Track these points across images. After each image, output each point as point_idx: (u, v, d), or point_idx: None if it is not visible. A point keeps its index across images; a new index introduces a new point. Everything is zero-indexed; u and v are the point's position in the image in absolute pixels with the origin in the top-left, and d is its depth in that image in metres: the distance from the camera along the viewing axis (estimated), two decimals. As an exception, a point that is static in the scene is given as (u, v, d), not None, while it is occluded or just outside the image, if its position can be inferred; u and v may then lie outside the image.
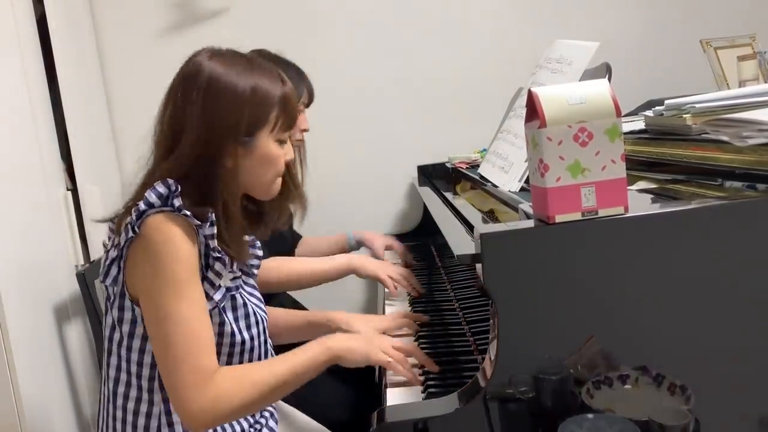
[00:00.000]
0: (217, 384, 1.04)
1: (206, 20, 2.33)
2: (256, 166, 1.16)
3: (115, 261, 1.11)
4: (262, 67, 1.17)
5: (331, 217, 2.31)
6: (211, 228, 1.10)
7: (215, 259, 1.12)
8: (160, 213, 1.07)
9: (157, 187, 1.08)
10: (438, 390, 1.17)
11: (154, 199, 1.07)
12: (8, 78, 1.75)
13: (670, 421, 0.83)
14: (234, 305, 1.18)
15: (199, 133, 1.10)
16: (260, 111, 1.13)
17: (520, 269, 0.98)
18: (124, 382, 1.16)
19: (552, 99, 0.95)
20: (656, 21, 2.34)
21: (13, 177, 1.70)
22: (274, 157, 1.17)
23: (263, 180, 1.18)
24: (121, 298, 1.13)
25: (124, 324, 1.14)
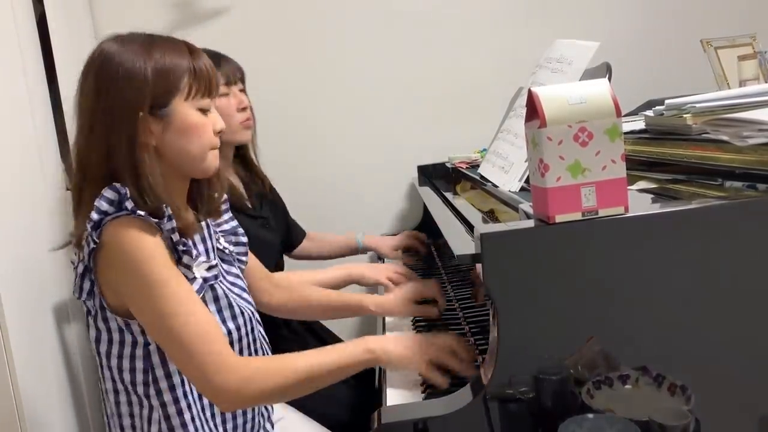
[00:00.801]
0: (249, 364, 1.05)
1: (206, 20, 2.33)
2: (179, 139, 1.10)
3: (85, 275, 1.09)
4: (165, 40, 1.12)
5: (330, 216, 2.31)
6: (170, 222, 1.07)
7: (182, 252, 1.09)
8: (115, 219, 1.04)
9: (105, 194, 1.04)
10: (438, 390, 1.17)
11: (106, 207, 1.04)
12: (8, 78, 1.75)
13: (670, 421, 0.83)
14: (214, 296, 1.14)
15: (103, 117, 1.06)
16: (168, 79, 1.08)
17: (520, 269, 0.98)
18: (121, 392, 1.15)
19: (552, 99, 0.95)
20: (656, 21, 2.34)
21: (13, 177, 1.70)
22: (197, 125, 1.11)
23: (192, 152, 1.11)
24: (102, 311, 1.11)
25: (111, 333, 1.12)
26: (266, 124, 1.95)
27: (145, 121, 1.07)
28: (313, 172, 2.37)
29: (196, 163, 1.13)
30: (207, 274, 1.14)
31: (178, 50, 1.10)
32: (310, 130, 2.37)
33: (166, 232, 1.07)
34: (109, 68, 1.06)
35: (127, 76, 1.05)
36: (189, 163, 1.13)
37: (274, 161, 2.04)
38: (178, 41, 1.13)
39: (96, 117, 1.07)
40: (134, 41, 1.09)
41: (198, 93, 1.11)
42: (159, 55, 1.07)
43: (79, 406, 1.86)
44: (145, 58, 1.07)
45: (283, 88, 2.32)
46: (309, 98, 2.36)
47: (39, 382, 1.67)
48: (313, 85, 2.35)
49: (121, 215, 1.04)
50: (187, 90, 1.10)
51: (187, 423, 1.13)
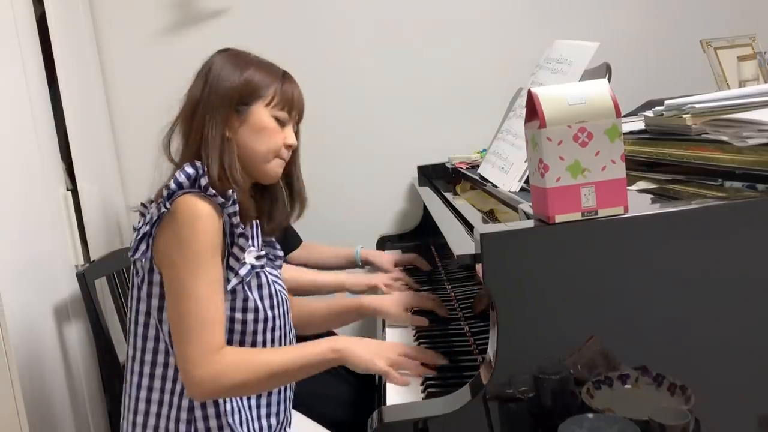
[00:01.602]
0: (222, 359, 1.13)
1: (206, 20, 2.33)
2: (251, 136, 1.25)
3: (144, 237, 1.18)
4: (265, 62, 1.31)
5: (330, 217, 2.31)
6: (233, 206, 1.18)
7: (239, 235, 1.20)
8: (189, 193, 1.16)
9: (186, 168, 1.18)
10: (438, 390, 1.17)
11: (183, 180, 1.16)
12: (8, 78, 1.75)
13: (670, 421, 0.83)
14: (259, 283, 1.24)
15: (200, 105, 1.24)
16: (255, 84, 1.26)
17: (520, 269, 0.98)
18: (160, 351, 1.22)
19: (552, 99, 0.95)
20: (656, 21, 2.34)
21: (13, 177, 1.70)
22: (269, 128, 1.27)
23: (259, 150, 1.26)
24: (149, 273, 1.20)
25: (152, 299, 1.21)
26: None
27: (230, 116, 1.24)
28: (313, 172, 2.35)
29: (260, 163, 1.27)
30: (255, 261, 1.24)
31: (274, 71, 1.30)
32: (309, 131, 2.35)
33: (227, 215, 1.18)
34: (213, 72, 1.26)
35: (226, 78, 1.25)
36: (254, 161, 1.27)
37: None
38: (276, 66, 1.32)
39: (196, 110, 1.25)
40: (240, 56, 1.30)
41: (278, 105, 1.28)
42: (255, 68, 1.28)
43: (79, 406, 1.86)
44: (242, 68, 1.27)
45: (283, 88, 2.31)
46: (309, 99, 2.33)
47: (39, 382, 1.67)
48: (313, 86, 2.33)
49: (194, 191, 1.16)
50: (270, 99, 1.27)
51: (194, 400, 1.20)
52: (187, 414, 1.21)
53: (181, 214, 1.14)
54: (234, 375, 1.13)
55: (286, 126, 1.30)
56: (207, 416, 1.22)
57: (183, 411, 1.21)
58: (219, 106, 1.24)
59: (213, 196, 1.16)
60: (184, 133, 1.26)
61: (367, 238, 2.30)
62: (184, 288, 1.13)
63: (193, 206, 1.14)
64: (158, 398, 1.23)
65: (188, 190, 1.16)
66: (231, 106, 1.24)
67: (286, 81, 1.31)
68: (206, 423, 1.21)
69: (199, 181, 1.17)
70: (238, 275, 1.20)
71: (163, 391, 1.22)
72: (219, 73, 1.26)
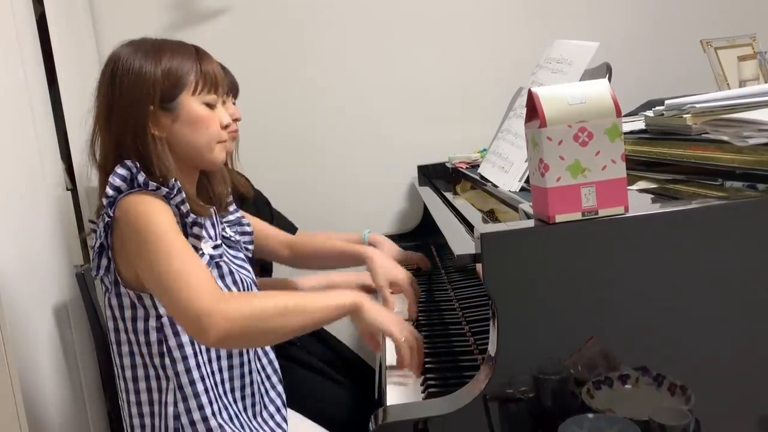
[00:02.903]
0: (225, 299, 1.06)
1: (206, 20, 2.33)
2: (187, 130, 1.19)
3: (102, 252, 1.16)
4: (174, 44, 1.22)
5: (330, 216, 2.31)
6: (179, 194, 1.14)
7: (192, 224, 1.16)
8: (129, 195, 1.12)
9: (117, 171, 1.13)
10: (438, 390, 1.17)
11: (119, 183, 1.12)
12: (8, 78, 1.75)
13: (670, 421, 0.83)
14: (221, 273, 1.21)
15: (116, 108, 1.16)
16: (175, 74, 1.18)
17: (520, 269, 0.98)
18: (138, 366, 1.21)
19: (552, 99, 0.95)
20: (656, 21, 2.34)
21: (13, 177, 1.70)
22: (203, 117, 1.20)
23: (200, 142, 1.20)
24: (116, 286, 1.17)
25: (124, 310, 1.18)
26: (266, 124, 1.95)
27: (156, 114, 1.16)
28: (313, 171, 2.37)
29: (204, 153, 1.21)
30: (213, 251, 1.22)
31: (187, 52, 1.21)
32: (310, 130, 2.37)
33: (175, 206, 1.14)
34: (122, 68, 1.16)
35: (139, 74, 1.16)
36: (197, 153, 1.21)
37: (275, 161, 2.05)
38: (187, 45, 1.23)
39: (111, 112, 1.17)
40: (145, 44, 1.20)
41: (204, 89, 1.20)
42: (168, 56, 1.18)
43: (79, 406, 1.86)
44: (154, 58, 1.17)
45: (283, 88, 2.32)
46: (309, 98, 2.36)
47: (39, 382, 1.67)
48: (313, 86, 2.35)
49: (133, 191, 1.12)
50: (194, 86, 1.19)
51: (200, 393, 1.19)
52: (174, 422, 1.20)
53: (131, 213, 1.10)
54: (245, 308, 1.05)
55: (216, 107, 1.23)
56: (194, 421, 1.19)
57: (170, 419, 1.20)
58: (139, 105, 1.15)
59: (156, 190, 1.12)
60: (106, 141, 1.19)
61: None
62: (161, 260, 1.06)
63: (140, 202, 1.10)
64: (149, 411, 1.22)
65: (128, 191, 1.12)
66: (154, 103, 1.16)
67: (202, 60, 1.22)
68: (193, 428, 1.20)
69: (136, 179, 1.12)
70: None
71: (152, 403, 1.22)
72: (129, 68, 1.16)
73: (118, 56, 1.18)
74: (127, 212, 1.10)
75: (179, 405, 1.19)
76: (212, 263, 1.20)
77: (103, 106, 1.18)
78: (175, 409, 1.19)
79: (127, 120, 1.16)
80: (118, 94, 1.16)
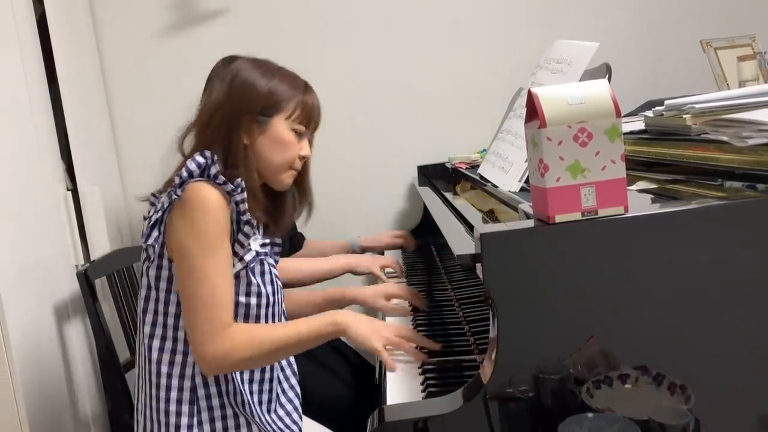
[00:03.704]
0: (231, 337, 1.18)
1: (206, 20, 2.33)
2: (268, 147, 1.29)
3: (156, 224, 1.23)
4: (288, 72, 1.35)
5: (331, 216, 2.31)
6: (241, 194, 1.23)
7: (245, 222, 1.24)
8: (199, 181, 1.20)
9: (196, 158, 1.21)
10: (438, 390, 1.17)
11: (194, 168, 1.20)
12: (8, 78, 1.75)
13: (670, 421, 0.83)
14: (262, 270, 1.29)
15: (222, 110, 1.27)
16: (278, 96, 1.29)
17: (520, 269, 0.98)
18: (159, 336, 1.26)
19: (552, 99, 0.95)
20: (656, 21, 2.34)
21: (13, 177, 1.70)
22: (287, 141, 1.31)
23: (274, 162, 1.30)
24: (159, 258, 1.24)
25: (161, 281, 1.24)
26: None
27: (249, 123, 1.28)
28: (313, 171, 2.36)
29: (274, 173, 1.32)
30: (260, 249, 1.29)
31: (297, 83, 1.34)
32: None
33: (235, 203, 1.22)
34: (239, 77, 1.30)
35: (250, 86, 1.29)
36: (269, 170, 1.31)
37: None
38: (299, 78, 1.35)
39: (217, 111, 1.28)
40: (265, 65, 1.34)
41: (298, 119, 1.32)
42: (279, 78, 1.31)
43: (79, 406, 1.86)
44: (267, 77, 1.30)
45: (283, 88, 2.32)
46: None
47: (39, 382, 1.67)
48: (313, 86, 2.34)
49: (203, 179, 1.20)
50: (291, 111, 1.31)
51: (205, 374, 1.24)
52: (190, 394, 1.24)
53: (192, 200, 1.18)
54: (242, 351, 1.18)
55: (302, 138, 1.34)
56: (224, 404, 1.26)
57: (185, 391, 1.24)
58: (240, 113, 1.27)
59: (222, 184, 1.20)
60: (201, 135, 1.29)
61: (367, 238, 2.30)
62: (196, 269, 1.17)
63: (204, 193, 1.18)
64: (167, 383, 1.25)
65: (198, 178, 1.20)
66: (252, 114, 1.28)
67: (307, 93, 1.34)
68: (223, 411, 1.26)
69: (209, 169, 1.21)
70: (243, 260, 1.24)
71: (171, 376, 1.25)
72: (244, 80, 1.29)
73: (238, 69, 1.31)
74: (190, 199, 1.18)
75: (197, 378, 1.25)
76: (257, 259, 1.27)
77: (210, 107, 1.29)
78: (192, 382, 1.24)
79: (226, 122, 1.26)
80: (228, 100, 1.28)
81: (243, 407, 1.26)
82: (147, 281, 1.26)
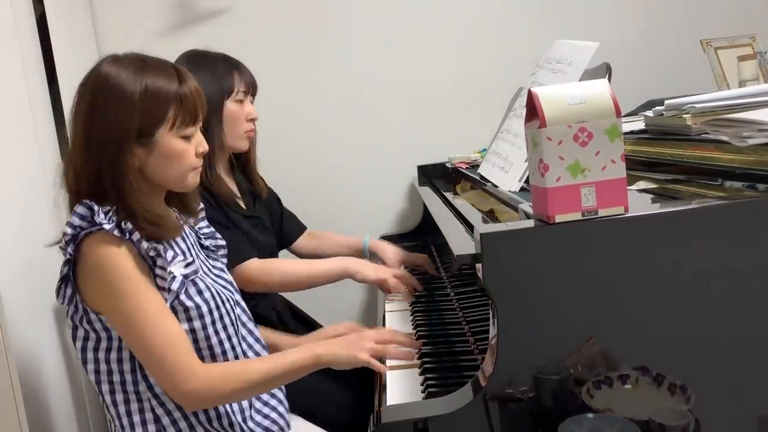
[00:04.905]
0: (204, 376, 1.13)
1: (206, 20, 2.33)
2: (161, 164, 1.18)
3: (65, 282, 1.18)
4: (157, 66, 1.18)
5: (331, 216, 2.31)
6: (134, 234, 1.14)
7: (154, 257, 1.16)
8: (89, 235, 1.13)
9: (77, 210, 1.14)
10: (438, 390, 1.17)
11: (78, 222, 1.13)
12: (8, 78, 1.75)
13: (670, 421, 0.83)
14: (198, 289, 1.21)
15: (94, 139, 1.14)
16: (154, 111, 1.14)
17: (520, 269, 0.98)
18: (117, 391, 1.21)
19: (552, 99, 0.95)
20: (656, 21, 2.34)
21: (13, 177, 1.70)
22: (178, 152, 1.18)
23: (173, 175, 1.20)
24: (86, 314, 1.18)
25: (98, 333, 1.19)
26: (267, 124, 1.94)
27: (131, 148, 1.15)
28: (313, 171, 2.37)
29: (176, 183, 1.22)
30: (186, 270, 1.21)
31: (168, 76, 1.17)
32: (310, 130, 2.37)
33: (134, 244, 1.14)
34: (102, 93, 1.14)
35: (119, 104, 1.13)
36: (170, 183, 1.22)
37: (275, 161, 2.04)
38: (168, 66, 1.19)
39: (90, 139, 1.15)
40: (128, 66, 1.16)
41: (183, 123, 1.17)
42: (147, 88, 1.14)
43: (79, 406, 1.86)
44: (135, 85, 1.13)
45: (283, 88, 2.31)
46: (309, 98, 2.36)
47: (39, 382, 1.67)
48: (313, 86, 2.35)
49: (93, 230, 1.12)
50: (172, 121, 1.16)
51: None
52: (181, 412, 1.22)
53: (95, 261, 1.12)
54: (219, 388, 1.14)
55: (193, 137, 1.20)
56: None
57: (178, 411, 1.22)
58: (116, 140, 1.13)
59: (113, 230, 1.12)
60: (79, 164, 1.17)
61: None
62: (137, 324, 1.11)
63: (102, 250, 1.12)
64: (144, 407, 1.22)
65: (88, 230, 1.12)
66: (130, 140, 1.14)
67: (182, 87, 1.17)
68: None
69: (95, 217, 1.12)
70: (172, 291, 1.16)
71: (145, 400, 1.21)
72: (107, 100, 1.13)
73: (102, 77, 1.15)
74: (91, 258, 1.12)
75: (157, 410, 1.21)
76: (186, 282, 1.19)
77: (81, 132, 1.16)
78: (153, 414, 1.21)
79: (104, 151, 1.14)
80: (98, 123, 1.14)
81: (219, 421, 1.23)
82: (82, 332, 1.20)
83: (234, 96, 1.71)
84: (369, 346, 1.22)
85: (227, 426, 1.24)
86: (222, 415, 1.23)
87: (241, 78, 1.73)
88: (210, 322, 1.21)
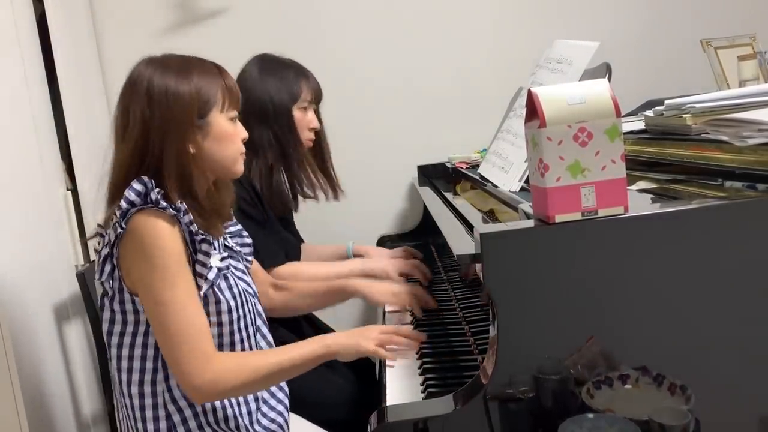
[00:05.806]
0: (218, 366, 1.15)
1: (206, 20, 2.33)
2: (216, 145, 1.24)
3: (107, 258, 1.19)
4: (196, 60, 1.26)
5: (330, 217, 2.30)
6: (187, 215, 1.18)
7: (200, 241, 1.19)
8: (142, 210, 1.15)
9: (134, 186, 1.16)
10: (438, 390, 1.17)
11: (134, 198, 1.15)
12: (8, 78, 1.75)
13: (670, 421, 0.83)
14: (228, 284, 1.25)
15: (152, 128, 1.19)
16: (206, 92, 1.22)
17: (520, 269, 0.98)
18: (127, 369, 1.22)
19: (552, 99, 0.95)
20: (656, 21, 2.34)
21: (13, 177, 1.70)
22: (230, 133, 1.25)
23: (228, 156, 1.25)
24: (120, 293, 1.20)
25: (126, 315, 1.21)
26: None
27: (191, 131, 1.21)
28: (313, 172, 2.37)
29: (229, 166, 1.27)
30: (221, 264, 1.26)
31: (213, 71, 1.26)
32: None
33: (185, 225, 1.18)
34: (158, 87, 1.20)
35: (174, 96, 1.19)
36: (224, 166, 1.26)
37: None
38: (208, 62, 1.27)
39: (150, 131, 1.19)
40: (172, 60, 1.25)
41: (230, 105, 1.25)
42: (197, 75, 1.22)
43: (79, 406, 1.86)
44: (187, 77, 1.21)
45: (283, 88, 2.31)
46: (309, 98, 2.35)
47: (39, 382, 1.67)
48: (314, 85, 2.35)
49: (146, 207, 1.15)
50: (222, 103, 1.24)
51: (195, 403, 1.22)
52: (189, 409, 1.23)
53: (141, 233, 1.14)
54: (231, 379, 1.15)
55: (236, 123, 1.28)
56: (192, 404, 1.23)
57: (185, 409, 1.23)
58: (178, 124, 1.19)
59: (165, 209, 1.15)
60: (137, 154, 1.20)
61: (367, 238, 2.29)
62: (164, 304, 1.14)
63: (151, 223, 1.14)
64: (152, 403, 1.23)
65: (141, 206, 1.15)
66: (191, 122, 1.20)
67: (224, 76, 1.26)
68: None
69: (149, 195, 1.15)
70: (208, 280, 1.20)
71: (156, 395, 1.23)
72: (165, 89, 1.20)
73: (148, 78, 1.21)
74: (138, 232, 1.14)
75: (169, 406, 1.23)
76: (220, 275, 1.23)
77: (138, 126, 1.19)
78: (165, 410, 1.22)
79: (164, 139, 1.19)
80: (157, 115, 1.19)
81: (227, 422, 1.24)
82: (110, 315, 1.22)
83: (299, 103, 1.76)
84: (374, 336, 1.26)
85: (234, 428, 1.24)
86: (230, 417, 1.24)
87: (309, 86, 1.78)
88: (236, 318, 1.24)
